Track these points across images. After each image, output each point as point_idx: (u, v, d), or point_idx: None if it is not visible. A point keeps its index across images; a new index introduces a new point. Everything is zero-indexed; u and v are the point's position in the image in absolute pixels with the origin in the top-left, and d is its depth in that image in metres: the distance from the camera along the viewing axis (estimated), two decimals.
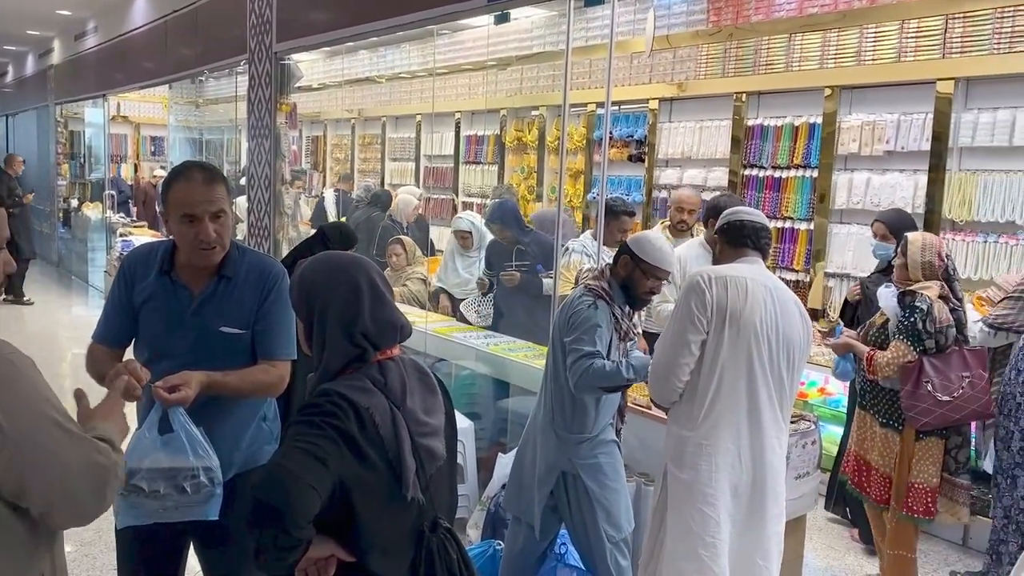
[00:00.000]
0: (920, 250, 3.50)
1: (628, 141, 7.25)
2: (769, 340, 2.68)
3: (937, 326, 3.39)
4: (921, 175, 5.16)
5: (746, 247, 2.82)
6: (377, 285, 1.82)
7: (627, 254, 3.10)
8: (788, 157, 5.93)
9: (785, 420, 2.78)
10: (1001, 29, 4.72)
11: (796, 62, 5.77)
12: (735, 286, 2.67)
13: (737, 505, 2.72)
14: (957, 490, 3.47)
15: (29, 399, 1.45)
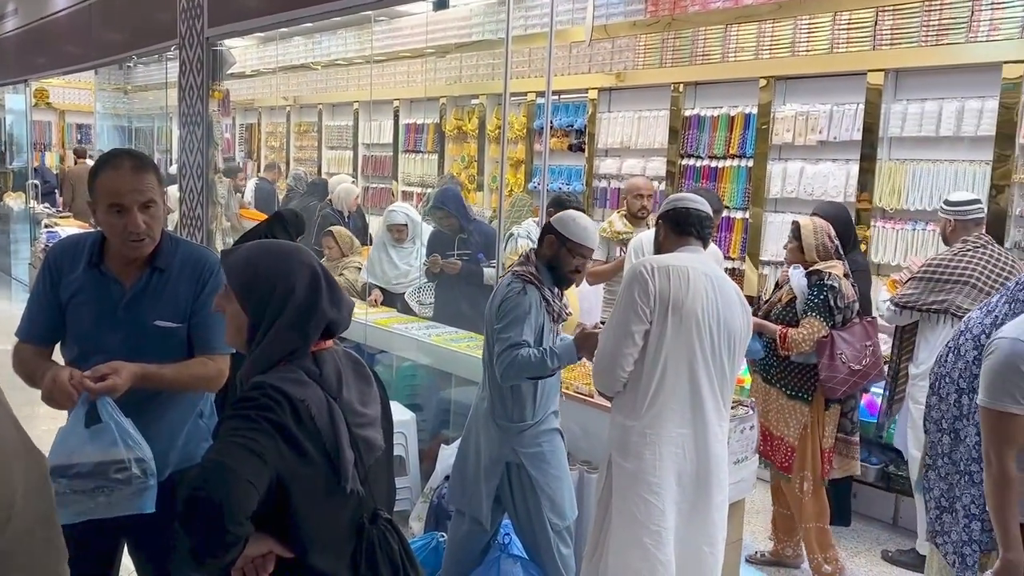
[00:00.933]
0: (812, 233, 3.79)
1: (568, 130, 7.27)
2: (711, 329, 2.70)
3: (845, 302, 3.71)
4: (853, 164, 5.28)
5: (690, 235, 2.84)
6: (318, 276, 1.78)
7: (552, 234, 3.12)
8: (724, 147, 6.01)
9: (726, 407, 2.82)
10: (928, 22, 4.85)
11: (732, 53, 5.84)
12: (677, 275, 2.68)
13: (682, 493, 2.74)
14: (851, 447, 3.88)
15: None
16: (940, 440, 3.35)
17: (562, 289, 3.21)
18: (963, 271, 3.92)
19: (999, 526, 2.44)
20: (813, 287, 3.73)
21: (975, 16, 4.66)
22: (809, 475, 3.81)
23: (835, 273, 3.72)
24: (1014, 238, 4.62)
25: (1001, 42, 4.57)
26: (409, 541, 3.61)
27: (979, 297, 3.83)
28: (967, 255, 3.99)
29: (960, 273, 3.91)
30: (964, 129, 4.80)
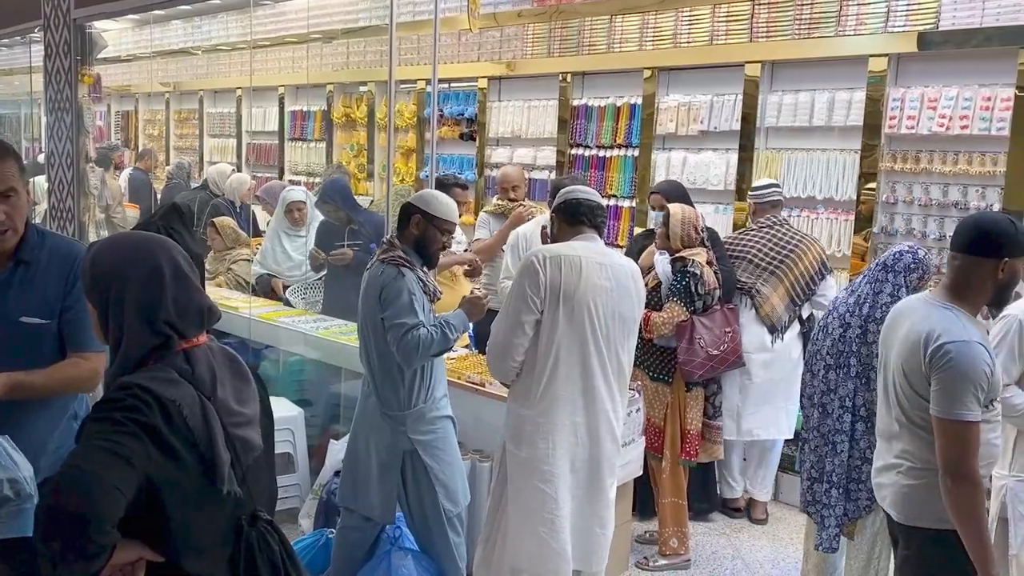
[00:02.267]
0: (680, 223, 3.95)
1: (459, 119, 7.23)
2: (604, 317, 2.74)
3: (706, 289, 3.88)
4: (733, 154, 5.46)
5: (583, 224, 2.87)
6: (180, 266, 1.70)
7: (417, 213, 3.12)
8: (611, 137, 6.11)
9: (622, 394, 2.88)
10: (801, 16, 5.05)
11: (617, 44, 5.93)
12: (569, 265, 2.71)
13: (576, 480, 2.78)
14: (714, 432, 4.08)
15: None
16: (812, 414, 3.52)
17: (430, 268, 3.23)
18: (743, 248, 4.42)
19: (977, 541, 2.24)
20: (676, 273, 3.88)
21: (843, 11, 4.89)
22: (668, 454, 3.98)
23: (698, 260, 3.88)
24: (881, 223, 4.88)
25: (867, 36, 4.80)
26: (298, 539, 3.57)
27: (757, 272, 4.33)
28: (750, 234, 4.53)
29: (740, 250, 4.42)
30: (835, 119, 5.03)
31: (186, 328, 1.69)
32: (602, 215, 2.93)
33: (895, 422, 2.46)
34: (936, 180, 4.69)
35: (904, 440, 2.43)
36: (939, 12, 4.56)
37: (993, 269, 2.33)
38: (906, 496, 2.42)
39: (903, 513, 2.44)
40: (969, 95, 4.55)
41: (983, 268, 2.34)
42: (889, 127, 4.79)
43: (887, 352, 2.53)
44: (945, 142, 4.64)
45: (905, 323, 2.44)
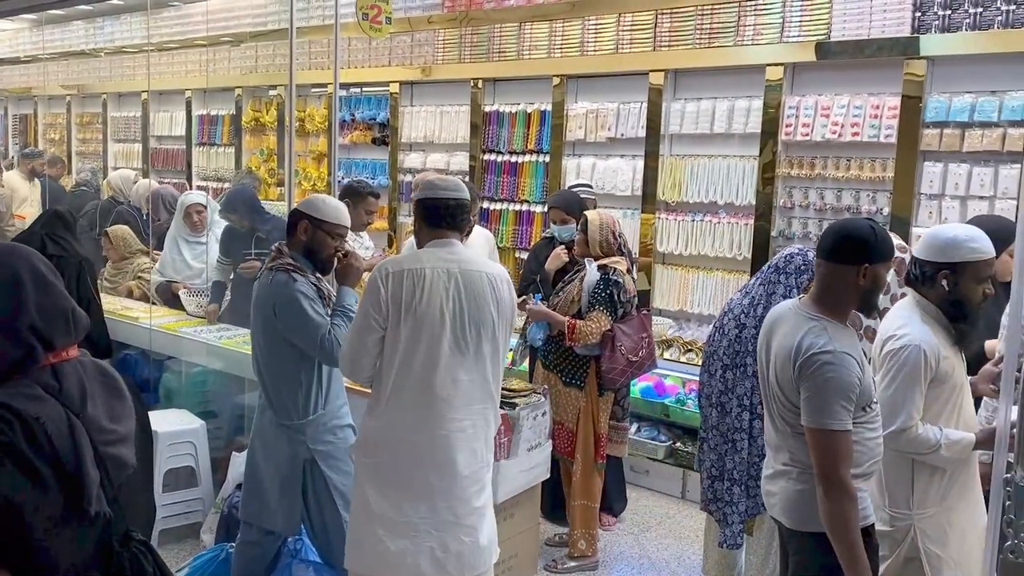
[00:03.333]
0: (598, 229, 3.97)
1: (371, 124, 7.18)
2: (454, 329, 2.61)
3: (627, 296, 3.92)
4: (639, 160, 5.56)
5: (441, 227, 2.73)
6: (41, 272, 1.65)
7: (304, 219, 3.08)
8: (523, 143, 6.16)
9: (491, 400, 2.73)
10: (702, 25, 5.18)
11: (527, 50, 5.98)
12: (412, 278, 2.60)
13: (428, 490, 2.63)
14: (620, 432, 4.17)
15: None
16: (710, 414, 3.60)
17: (325, 274, 3.18)
18: None
19: (847, 548, 2.28)
20: (600, 282, 3.89)
21: (741, 21, 5.04)
22: (580, 457, 4.01)
23: (619, 269, 3.92)
24: (779, 227, 5.04)
25: (764, 46, 4.96)
26: (198, 554, 3.48)
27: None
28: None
29: None
30: (735, 126, 5.18)
31: (54, 334, 1.63)
32: (463, 215, 2.77)
33: (779, 430, 2.49)
34: (830, 185, 4.87)
35: (790, 447, 2.46)
36: (830, 23, 4.74)
37: (855, 275, 2.36)
38: (796, 502, 2.45)
39: (793, 519, 2.46)
40: (859, 103, 4.74)
41: (846, 275, 2.37)
42: (785, 134, 4.95)
43: (764, 362, 2.55)
44: (838, 148, 4.83)
45: (778, 333, 2.47)
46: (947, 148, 4.47)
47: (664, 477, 5.07)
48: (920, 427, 2.52)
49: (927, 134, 4.52)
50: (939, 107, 4.48)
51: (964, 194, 4.43)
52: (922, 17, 4.48)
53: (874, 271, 2.37)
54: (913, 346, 2.54)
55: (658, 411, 5.17)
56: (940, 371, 2.56)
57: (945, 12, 4.41)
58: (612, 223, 4.03)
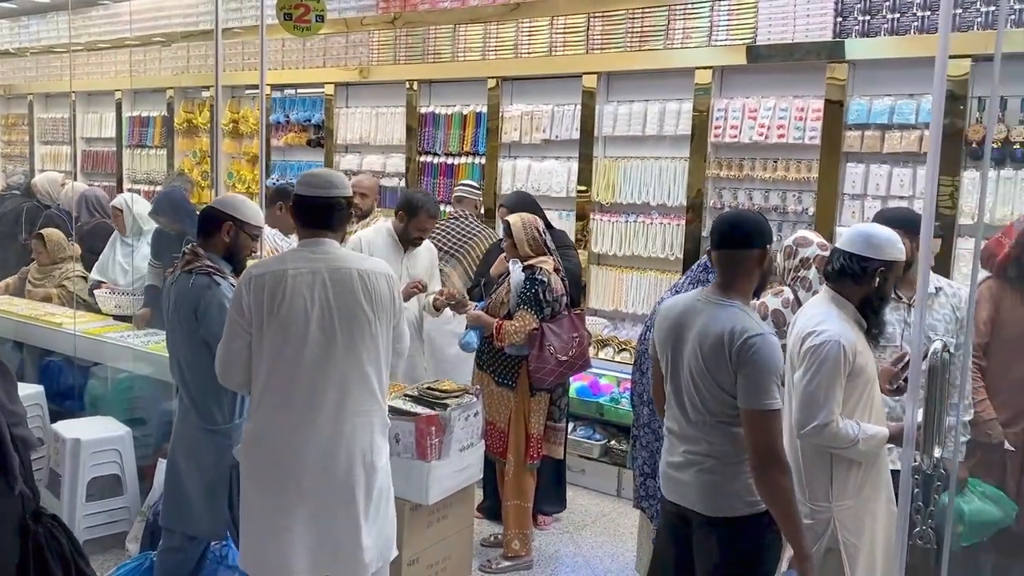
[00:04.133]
0: (522, 229, 3.97)
1: (307, 125, 7.11)
2: (323, 327, 2.56)
3: (554, 295, 3.91)
4: (574, 162, 5.61)
5: (312, 227, 2.67)
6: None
7: (228, 220, 3.04)
8: (459, 144, 6.16)
9: (374, 400, 2.67)
10: (633, 28, 5.25)
11: (462, 52, 5.99)
12: (274, 282, 2.56)
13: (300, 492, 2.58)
14: (557, 433, 4.17)
15: None
16: (642, 412, 3.65)
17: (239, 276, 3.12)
18: (433, 236, 4.64)
19: (791, 519, 2.37)
20: (526, 281, 3.91)
21: (671, 25, 5.12)
22: (512, 458, 4.03)
23: (545, 268, 3.93)
24: (710, 227, 5.11)
25: (693, 49, 5.05)
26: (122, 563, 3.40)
27: (442, 255, 4.64)
28: (441, 223, 4.83)
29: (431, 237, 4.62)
30: (666, 129, 5.25)
31: None
32: (336, 214, 2.66)
33: (692, 421, 2.52)
34: (758, 186, 4.98)
35: (707, 436, 2.50)
36: (757, 28, 4.84)
37: (760, 258, 2.49)
38: (714, 490, 2.49)
39: (711, 506, 2.50)
40: (785, 106, 4.85)
41: (751, 259, 2.48)
42: (715, 136, 5.04)
43: (674, 354, 2.58)
44: (765, 150, 4.94)
45: (694, 324, 2.51)
46: (868, 149, 4.60)
47: (599, 475, 5.11)
48: (840, 422, 2.58)
49: (849, 136, 4.64)
50: (860, 110, 4.61)
51: (885, 194, 4.56)
52: (844, 22, 4.61)
53: (771, 253, 2.54)
54: (833, 342, 2.58)
55: (593, 410, 5.21)
56: (856, 366, 2.63)
57: (865, 17, 4.54)
58: (534, 222, 4.05)
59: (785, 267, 3.47)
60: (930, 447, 2.30)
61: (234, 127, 7.45)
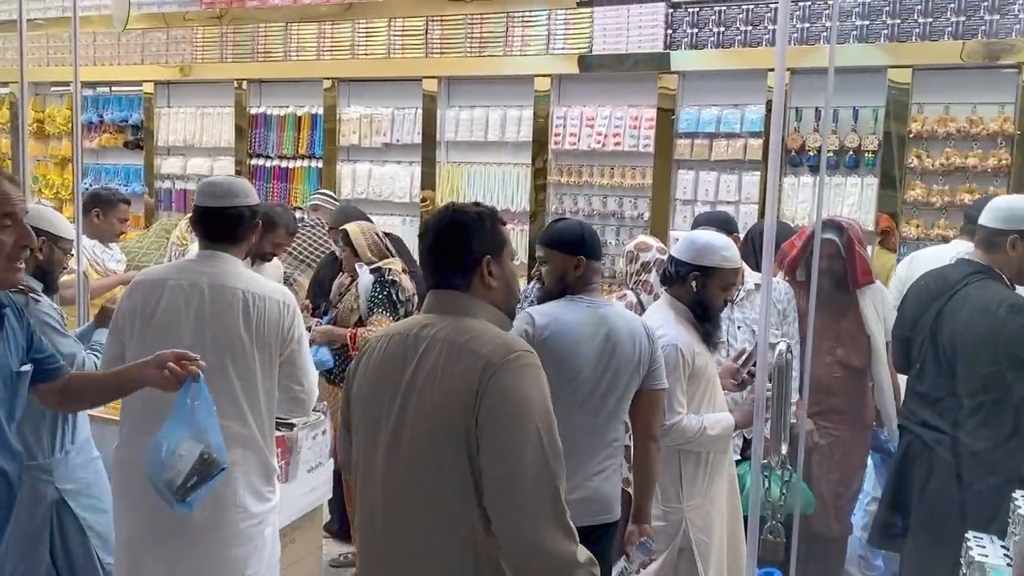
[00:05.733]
0: (361, 235, 3.86)
1: (123, 126, 6.62)
2: (197, 346, 2.33)
3: (406, 295, 3.83)
4: (416, 166, 5.54)
5: (214, 240, 2.50)
6: None
7: (42, 235, 2.78)
8: (294, 147, 5.93)
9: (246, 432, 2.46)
10: (472, 34, 5.25)
11: (295, 52, 5.77)
12: (149, 290, 2.42)
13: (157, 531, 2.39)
14: None
15: None
16: None
17: (51, 294, 2.86)
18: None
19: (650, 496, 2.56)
20: (376, 284, 3.80)
21: (509, 32, 5.15)
22: None
23: (395, 269, 3.84)
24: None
25: (531, 57, 5.11)
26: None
27: (293, 262, 4.59)
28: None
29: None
30: (507, 135, 5.29)
31: None
32: (239, 227, 2.46)
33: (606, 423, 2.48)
34: (596, 192, 5.10)
35: (616, 434, 2.51)
36: (592, 37, 4.96)
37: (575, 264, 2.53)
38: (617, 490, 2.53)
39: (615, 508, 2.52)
40: (620, 114, 5.00)
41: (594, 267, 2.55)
42: (554, 143, 5.12)
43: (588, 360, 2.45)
44: (602, 157, 5.07)
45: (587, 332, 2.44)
46: (698, 157, 4.82)
47: None
48: (685, 419, 2.66)
49: (680, 144, 4.85)
50: (690, 119, 4.82)
51: (714, 199, 4.79)
52: (673, 34, 4.81)
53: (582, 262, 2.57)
54: (671, 346, 2.64)
55: None
56: (696, 367, 2.72)
57: (693, 30, 4.76)
58: (371, 227, 3.96)
59: (627, 271, 3.55)
60: (777, 444, 2.40)
61: (39, 127, 6.83)
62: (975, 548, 2.36)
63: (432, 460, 1.63)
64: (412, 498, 1.67)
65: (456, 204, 1.81)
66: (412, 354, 1.70)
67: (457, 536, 1.62)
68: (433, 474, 1.63)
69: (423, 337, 1.71)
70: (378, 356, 1.77)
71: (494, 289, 1.76)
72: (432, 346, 1.68)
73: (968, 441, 2.68)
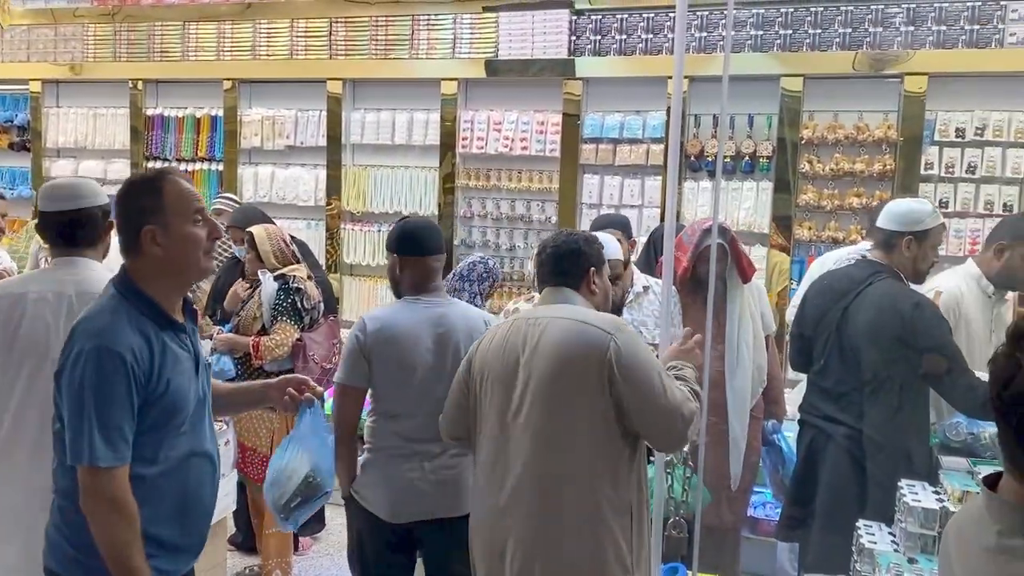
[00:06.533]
0: (267, 240, 3.77)
1: (8, 126, 6.31)
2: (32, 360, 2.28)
3: (312, 303, 3.75)
4: (321, 170, 5.45)
5: (66, 245, 2.39)
6: None
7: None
8: (193, 149, 5.76)
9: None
10: (377, 36, 5.20)
11: (193, 51, 5.61)
12: (9, 306, 2.29)
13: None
14: None
15: None
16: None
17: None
18: None
19: None
20: (280, 292, 3.72)
21: (415, 35, 5.14)
22: None
23: (299, 276, 3.76)
24: (461, 236, 5.21)
25: (438, 60, 5.10)
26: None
27: None
28: None
29: None
30: (415, 138, 5.26)
31: None
32: (89, 228, 2.35)
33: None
34: (505, 196, 5.13)
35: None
36: (498, 42, 4.99)
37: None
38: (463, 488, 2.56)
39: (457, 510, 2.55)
40: (527, 119, 5.05)
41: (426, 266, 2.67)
42: (462, 147, 5.13)
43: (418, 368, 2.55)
44: (510, 161, 5.10)
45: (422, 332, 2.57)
46: (602, 162, 4.91)
47: None
48: None
49: (585, 149, 4.93)
50: (594, 124, 4.91)
51: (618, 203, 4.88)
52: (577, 40, 4.88)
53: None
54: None
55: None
56: None
57: (596, 37, 4.84)
58: (279, 232, 3.87)
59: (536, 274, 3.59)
60: None
61: None
62: (865, 536, 2.49)
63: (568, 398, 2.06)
64: (556, 433, 2.06)
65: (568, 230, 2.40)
66: (534, 332, 2.11)
67: (599, 456, 2.06)
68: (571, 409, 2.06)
69: (542, 318, 2.14)
70: (500, 338, 2.18)
71: (595, 295, 2.27)
72: (553, 323, 2.10)
73: (871, 432, 2.82)
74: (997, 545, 1.06)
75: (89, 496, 1.72)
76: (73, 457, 1.72)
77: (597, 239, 2.35)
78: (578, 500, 2.05)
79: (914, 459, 2.77)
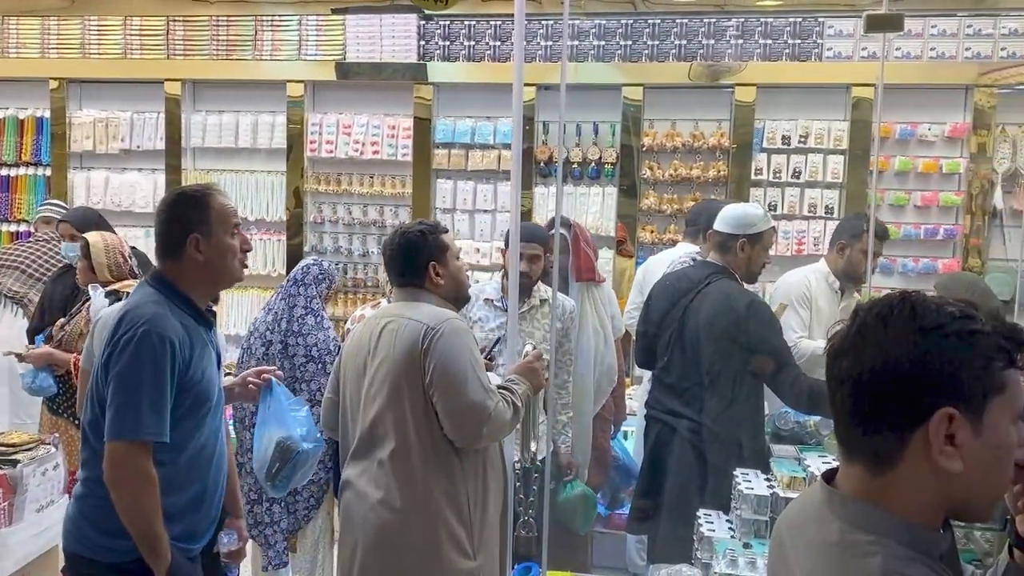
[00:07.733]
0: (104, 251, 3.53)
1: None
2: None
3: None
4: (160, 174, 5.20)
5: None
6: None
7: None
8: (16, 153, 5.36)
9: None
10: (218, 36, 5.02)
11: (14, 49, 5.22)
12: None
13: None
14: None
15: None
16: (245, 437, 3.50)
17: None
18: (14, 258, 4.28)
19: None
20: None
21: (259, 36, 4.99)
22: None
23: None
24: (312, 242, 5.09)
25: (283, 62, 4.97)
26: None
27: (27, 281, 4.27)
28: (23, 246, 4.44)
29: (12, 260, 4.27)
30: (260, 141, 5.11)
31: None
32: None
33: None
34: (356, 200, 5.06)
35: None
36: (346, 45, 4.92)
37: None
38: None
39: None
40: (377, 123, 5.00)
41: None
42: (311, 151, 5.02)
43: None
44: (361, 165, 5.04)
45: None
46: (455, 167, 4.93)
47: None
48: None
49: (438, 154, 4.93)
50: (446, 129, 4.92)
51: (472, 208, 4.92)
52: (427, 45, 4.88)
53: None
54: None
55: None
56: None
57: (445, 42, 4.86)
58: (119, 244, 3.64)
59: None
60: (527, 443, 2.51)
61: None
62: (704, 524, 2.62)
63: (399, 392, 2.21)
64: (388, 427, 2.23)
65: (403, 226, 2.42)
66: (375, 332, 2.28)
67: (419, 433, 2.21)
68: (401, 402, 2.22)
69: (382, 318, 2.31)
70: (355, 336, 2.38)
71: (441, 286, 2.35)
72: (391, 322, 2.27)
73: (709, 424, 2.96)
74: (840, 540, 1.06)
75: (119, 467, 1.90)
76: (116, 432, 1.88)
77: (437, 226, 2.44)
78: (412, 489, 2.20)
79: (749, 449, 2.94)
